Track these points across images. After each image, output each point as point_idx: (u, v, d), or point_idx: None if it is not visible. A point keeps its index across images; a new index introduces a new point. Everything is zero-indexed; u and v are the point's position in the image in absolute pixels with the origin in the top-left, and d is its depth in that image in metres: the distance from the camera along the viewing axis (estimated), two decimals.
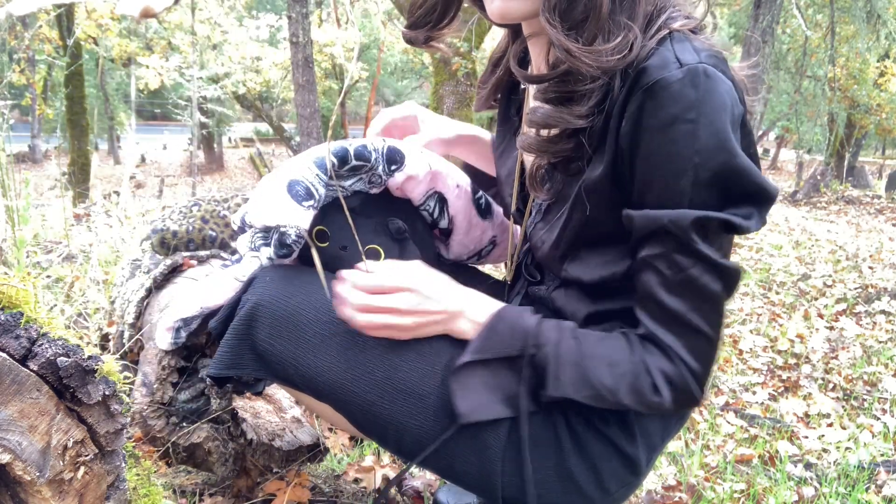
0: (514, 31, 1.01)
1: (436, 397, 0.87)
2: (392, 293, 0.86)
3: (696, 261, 0.76)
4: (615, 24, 0.76)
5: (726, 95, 0.75)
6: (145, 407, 1.20)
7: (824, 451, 2.02)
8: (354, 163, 0.92)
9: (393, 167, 0.94)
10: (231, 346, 0.90)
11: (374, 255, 0.92)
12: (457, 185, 1.02)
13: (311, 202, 0.89)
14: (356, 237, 0.89)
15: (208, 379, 1.22)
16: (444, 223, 1.03)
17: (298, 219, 0.88)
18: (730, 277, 0.77)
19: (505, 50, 1.04)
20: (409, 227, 0.96)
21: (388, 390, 0.88)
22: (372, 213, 0.95)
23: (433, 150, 1.07)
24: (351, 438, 1.68)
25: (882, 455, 1.97)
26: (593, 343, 0.83)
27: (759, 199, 0.77)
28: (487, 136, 1.18)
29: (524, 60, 1.03)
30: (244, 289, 0.93)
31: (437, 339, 0.91)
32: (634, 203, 0.80)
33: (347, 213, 0.84)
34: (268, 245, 0.91)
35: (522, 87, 1.02)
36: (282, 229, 0.88)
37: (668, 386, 0.79)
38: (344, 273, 0.88)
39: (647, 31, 0.78)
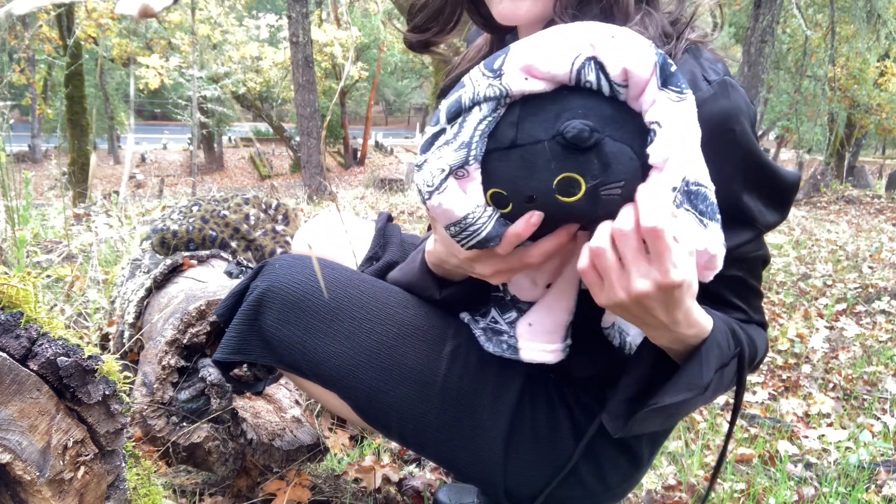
0: (500, 39, 0.98)
1: (441, 385, 0.88)
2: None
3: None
4: None
5: (743, 101, 0.77)
6: (145, 407, 1.20)
7: (824, 451, 2.02)
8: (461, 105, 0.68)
9: (494, 65, 0.67)
10: (238, 332, 0.91)
11: (570, 188, 0.64)
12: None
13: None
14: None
15: (210, 370, 1.22)
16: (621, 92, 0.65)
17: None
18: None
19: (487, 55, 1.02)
20: (594, 117, 0.64)
21: (394, 376, 0.88)
22: (538, 134, 0.65)
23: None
24: (351, 438, 1.68)
25: (882, 455, 1.97)
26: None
27: (790, 191, 0.81)
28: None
29: None
30: (253, 276, 0.94)
31: (442, 326, 0.91)
32: None
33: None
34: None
35: None
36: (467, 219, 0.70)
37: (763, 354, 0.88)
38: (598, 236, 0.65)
39: (666, 42, 0.78)
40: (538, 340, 0.82)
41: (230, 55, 15.05)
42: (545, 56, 0.64)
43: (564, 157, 0.63)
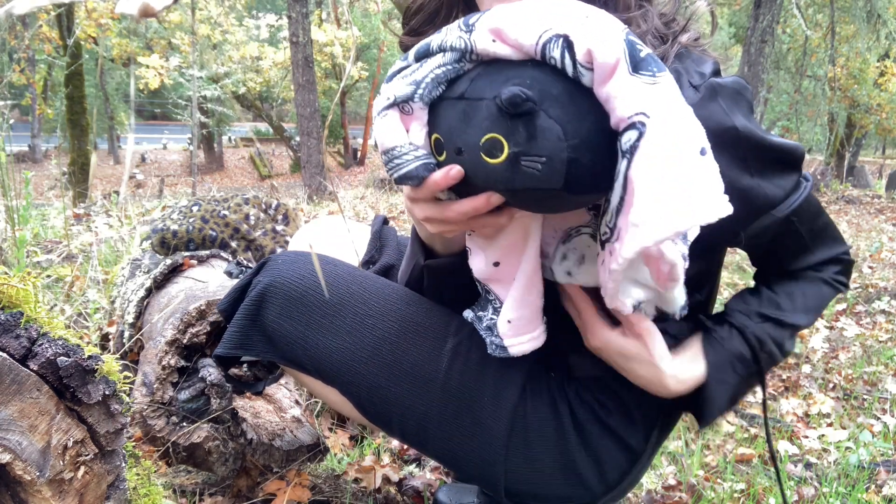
0: None
1: (442, 381, 0.88)
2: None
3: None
4: None
5: (734, 92, 0.77)
6: (145, 407, 1.20)
7: (824, 451, 2.02)
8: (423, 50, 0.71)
9: (471, 21, 0.69)
10: (240, 327, 0.91)
11: (494, 150, 0.66)
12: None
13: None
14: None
15: (210, 370, 1.22)
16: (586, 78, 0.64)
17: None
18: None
19: None
20: (538, 90, 0.64)
21: (395, 372, 0.88)
22: (484, 92, 0.67)
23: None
24: (351, 438, 1.68)
25: (882, 455, 1.97)
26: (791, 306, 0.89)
27: (798, 160, 0.83)
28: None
29: None
30: (255, 272, 0.94)
31: (444, 323, 0.91)
32: None
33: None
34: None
35: None
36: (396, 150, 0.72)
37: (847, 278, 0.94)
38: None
39: (661, 42, 0.78)
40: (522, 333, 0.83)
41: (230, 55, 15.06)
42: (517, 23, 0.65)
43: (496, 119, 0.65)
